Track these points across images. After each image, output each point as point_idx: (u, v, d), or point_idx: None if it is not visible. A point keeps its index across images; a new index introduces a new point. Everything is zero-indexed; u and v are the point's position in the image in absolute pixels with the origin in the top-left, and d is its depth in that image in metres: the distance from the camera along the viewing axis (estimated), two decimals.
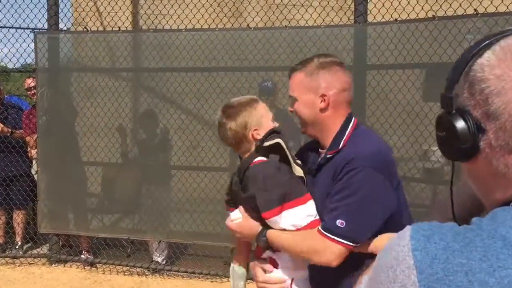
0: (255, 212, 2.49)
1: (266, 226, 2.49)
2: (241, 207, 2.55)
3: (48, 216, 7.33)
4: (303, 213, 2.47)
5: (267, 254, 2.57)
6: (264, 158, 2.51)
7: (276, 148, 2.49)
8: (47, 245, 7.50)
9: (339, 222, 2.31)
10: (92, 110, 7.10)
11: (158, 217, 6.96)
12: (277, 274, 2.53)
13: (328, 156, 2.45)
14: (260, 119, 2.54)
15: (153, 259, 6.99)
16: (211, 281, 6.53)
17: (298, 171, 2.51)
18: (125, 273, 6.90)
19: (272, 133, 2.54)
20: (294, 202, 2.45)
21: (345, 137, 2.43)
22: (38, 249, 7.62)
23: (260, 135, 2.53)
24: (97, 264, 7.13)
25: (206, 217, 6.68)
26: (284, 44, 6.25)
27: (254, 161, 2.50)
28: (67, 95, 7.47)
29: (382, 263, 1.10)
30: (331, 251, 2.33)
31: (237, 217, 2.54)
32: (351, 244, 2.32)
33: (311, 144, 2.66)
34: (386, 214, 2.36)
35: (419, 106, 5.67)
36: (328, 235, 2.33)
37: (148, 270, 6.87)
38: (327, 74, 2.40)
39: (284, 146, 2.49)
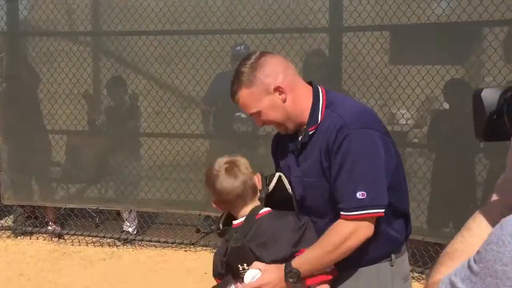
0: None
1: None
2: (256, 262, 2.39)
3: (12, 187, 7.06)
4: None
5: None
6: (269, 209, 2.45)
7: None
8: (12, 217, 7.24)
9: (360, 195, 2.23)
10: (56, 76, 6.81)
11: (128, 186, 6.76)
12: None
13: (310, 133, 2.38)
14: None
15: (124, 229, 6.81)
16: (185, 250, 6.39)
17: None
18: (95, 244, 6.71)
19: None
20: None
21: (320, 109, 2.38)
22: (2, 221, 7.35)
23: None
24: (65, 236, 6.91)
25: (178, 185, 6.52)
26: (257, 6, 6.04)
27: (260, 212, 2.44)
28: (28, 61, 7.14)
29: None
30: (364, 227, 2.26)
31: (255, 274, 2.38)
32: (380, 210, 2.26)
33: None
34: (391, 169, 2.33)
35: (397, 69, 5.56)
36: (356, 213, 2.24)
37: (119, 241, 6.70)
38: (262, 70, 2.34)
39: (286, 181, 2.46)
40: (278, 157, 2.59)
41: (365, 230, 2.26)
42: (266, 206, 2.46)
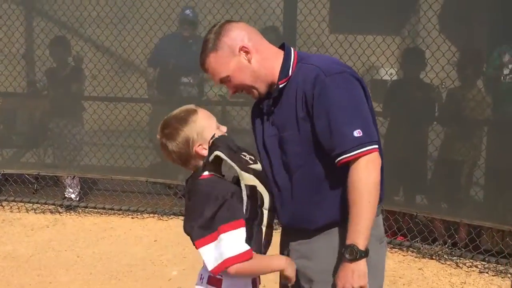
0: None
1: None
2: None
3: None
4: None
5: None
6: (207, 173, 2.35)
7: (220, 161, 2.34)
8: None
9: (356, 133, 2.20)
10: None
11: (72, 151, 6.53)
12: None
13: (280, 86, 2.36)
14: (202, 133, 2.36)
15: (66, 195, 6.60)
16: (132, 217, 6.25)
17: (247, 179, 2.31)
18: (36, 211, 6.47)
19: (212, 145, 2.35)
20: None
21: (291, 64, 2.37)
22: None
23: (206, 149, 2.36)
24: (2, 202, 6.63)
25: (125, 151, 6.35)
26: None
27: (200, 176, 2.36)
28: None
29: None
30: (373, 158, 2.22)
31: None
32: (376, 146, 2.23)
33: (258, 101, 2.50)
34: (370, 110, 2.34)
35: (353, 36, 5.56)
36: (358, 151, 2.19)
37: (61, 207, 6.48)
38: (227, 34, 2.36)
39: (225, 158, 2.30)
40: (255, 127, 2.54)
41: (375, 160, 2.23)
42: None
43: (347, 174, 2.23)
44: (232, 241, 2.23)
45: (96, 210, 6.42)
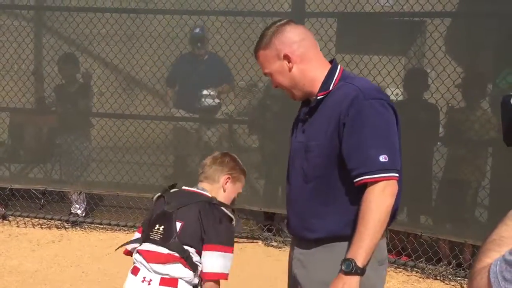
0: None
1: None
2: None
3: None
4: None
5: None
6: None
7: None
8: None
9: (382, 158, 2.28)
10: None
11: (79, 167, 6.57)
12: None
13: (318, 98, 2.46)
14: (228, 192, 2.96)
15: (72, 211, 6.63)
16: None
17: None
18: (42, 226, 6.51)
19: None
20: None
21: (334, 79, 2.47)
22: None
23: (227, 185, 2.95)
24: (9, 217, 6.67)
25: (131, 168, 6.39)
26: None
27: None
28: None
29: None
30: (390, 184, 2.29)
31: None
32: (397, 175, 2.31)
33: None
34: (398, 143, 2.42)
35: (359, 57, 5.61)
36: (380, 175, 2.27)
37: (67, 223, 6.52)
38: (279, 36, 2.47)
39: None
40: (292, 130, 2.68)
41: (393, 186, 2.29)
42: None
43: (359, 195, 2.31)
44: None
45: (102, 226, 6.45)
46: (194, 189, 2.90)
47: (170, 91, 6.53)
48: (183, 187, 2.94)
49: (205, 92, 6.28)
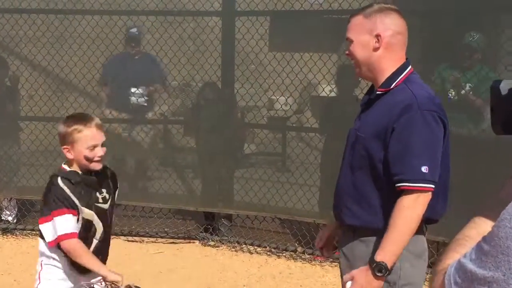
0: None
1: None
2: (346, 275, 2.53)
3: None
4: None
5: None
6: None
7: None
8: None
9: (424, 168, 2.39)
10: None
11: (8, 172, 6.39)
12: None
13: (378, 92, 2.56)
14: (74, 142, 2.89)
15: (3, 217, 6.45)
16: None
17: (86, 214, 2.93)
18: None
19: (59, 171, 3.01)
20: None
21: (399, 79, 2.55)
22: None
23: (70, 153, 2.93)
24: None
25: None
26: None
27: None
28: None
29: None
30: (424, 195, 2.40)
31: (348, 286, 2.49)
32: (433, 186, 2.42)
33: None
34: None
35: (290, 55, 5.66)
36: (419, 185, 2.39)
37: None
38: (384, 16, 2.56)
39: (68, 192, 2.90)
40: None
41: (427, 197, 2.41)
42: None
43: (395, 195, 2.43)
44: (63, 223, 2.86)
45: (34, 232, 6.26)
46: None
47: (103, 91, 6.43)
48: None
49: (133, 90, 6.23)
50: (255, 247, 5.85)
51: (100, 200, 3.00)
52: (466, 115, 5.03)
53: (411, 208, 2.39)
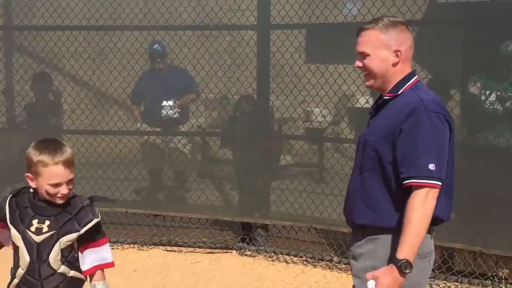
0: None
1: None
2: (368, 274, 2.57)
3: None
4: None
5: None
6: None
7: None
8: None
9: (431, 166, 2.50)
10: None
11: None
12: None
13: (385, 98, 2.69)
14: (38, 173, 2.65)
15: None
16: (112, 248, 6.24)
17: (14, 238, 2.70)
18: None
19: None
20: None
21: (406, 86, 2.68)
22: None
23: (31, 181, 2.69)
24: None
25: (104, 183, 6.43)
26: (185, 3, 6.07)
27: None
28: None
29: None
30: (433, 190, 2.49)
31: (372, 285, 2.54)
32: (440, 183, 2.52)
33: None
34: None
35: (324, 67, 5.74)
36: (426, 181, 2.48)
37: None
38: (398, 32, 2.68)
39: (7, 204, 2.71)
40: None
41: (435, 193, 2.51)
42: None
43: (403, 194, 2.53)
44: None
45: None
46: None
47: (136, 107, 6.62)
48: None
49: (164, 103, 6.38)
50: (291, 257, 5.92)
51: (32, 229, 2.66)
52: (505, 125, 5.03)
53: (424, 204, 2.48)
